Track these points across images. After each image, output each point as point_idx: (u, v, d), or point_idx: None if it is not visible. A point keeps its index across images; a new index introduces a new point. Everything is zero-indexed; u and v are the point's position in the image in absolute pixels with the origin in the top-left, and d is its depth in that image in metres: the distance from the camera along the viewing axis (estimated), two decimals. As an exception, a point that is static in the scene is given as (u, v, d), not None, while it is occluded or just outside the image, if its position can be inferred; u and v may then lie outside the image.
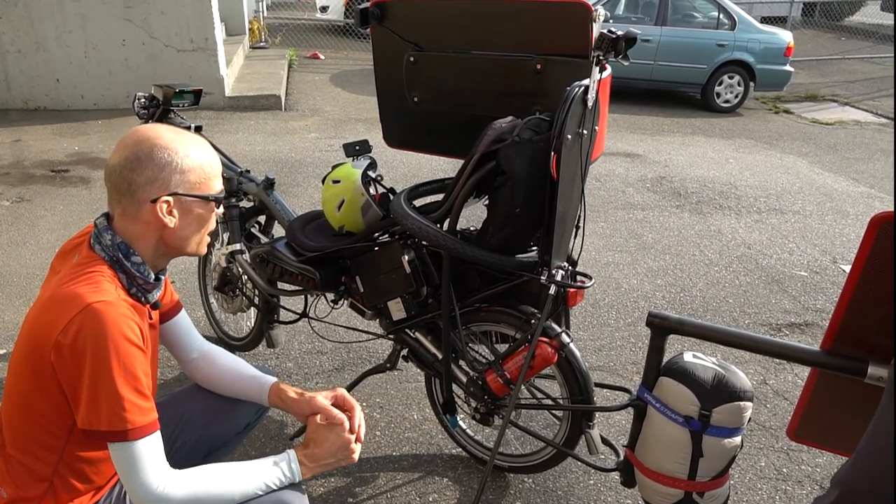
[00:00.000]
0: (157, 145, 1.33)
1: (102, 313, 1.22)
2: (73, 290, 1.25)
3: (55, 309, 1.24)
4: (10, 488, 1.34)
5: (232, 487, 1.37)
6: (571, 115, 1.72)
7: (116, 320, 1.23)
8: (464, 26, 2.17)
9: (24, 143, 5.73)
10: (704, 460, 1.78)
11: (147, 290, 1.40)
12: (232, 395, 1.70)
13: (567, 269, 1.90)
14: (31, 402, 1.30)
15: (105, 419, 1.24)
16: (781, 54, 9.01)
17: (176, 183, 1.34)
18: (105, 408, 1.23)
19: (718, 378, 1.77)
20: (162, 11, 6.61)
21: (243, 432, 1.79)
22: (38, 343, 1.25)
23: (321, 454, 1.48)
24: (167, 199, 1.34)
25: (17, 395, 1.31)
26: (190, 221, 1.40)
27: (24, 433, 1.32)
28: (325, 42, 11.43)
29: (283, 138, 6.21)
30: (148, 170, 1.32)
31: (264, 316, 2.63)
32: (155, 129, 1.36)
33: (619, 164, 6.10)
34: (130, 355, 1.25)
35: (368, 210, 2.13)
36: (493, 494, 2.20)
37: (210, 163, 1.41)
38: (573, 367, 1.98)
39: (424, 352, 2.19)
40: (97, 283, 1.28)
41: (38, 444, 1.32)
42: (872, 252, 1.53)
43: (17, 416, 1.32)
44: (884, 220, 1.49)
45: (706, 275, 3.94)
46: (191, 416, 1.70)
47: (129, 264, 1.35)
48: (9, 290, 3.32)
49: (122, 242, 1.35)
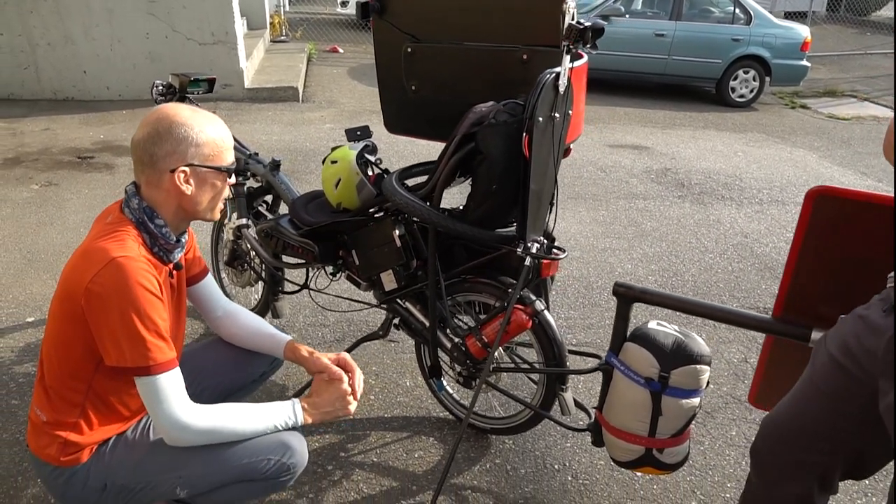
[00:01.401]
0: (176, 122, 1.52)
1: (125, 266, 1.43)
2: (101, 246, 1.46)
3: (86, 261, 1.45)
4: (49, 413, 1.57)
5: (244, 424, 1.60)
6: (543, 100, 1.88)
7: (136, 272, 1.44)
8: (457, 19, 2.33)
9: (52, 131, 5.99)
10: (663, 419, 1.93)
11: (168, 250, 1.60)
12: (252, 348, 1.94)
13: (542, 242, 2.06)
14: (64, 341, 1.51)
15: (129, 357, 1.45)
16: (798, 49, 9.03)
17: (192, 155, 1.54)
18: (128, 347, 1.44)
19: (678, 343, 1.91)
20: (184, 6, 6.85)
21: (259, 380, 2.02)
22: (71, 290, 1.46)
23: (321, 403, 1.72)
24: (184, 170, 1.53)
25: (54, 335, 1.53)
26: (205, 189, 1.59)
27: (58, 367, 1.54)
28: (345, 36, 11.64)
29: (299, 128, 6.42)
30: (167, 143, 1.51)
31: (270, 288, 2.83)
32: (174, 108, 1.56)
33: (625, 156, 6.22)
34: (149, 302, 1.45)
35: (363, 188, 2.30)
36: (475, 453, 2.37)
37: (222, 137, 1.59)
38: (547, 334, 2.14)
39: (414, 320, 2.37)
40: (123, 241, 1.49)
41: (71, 376, 1.54)
42: (810, 224, 1.67)
43: (54, 352, 1.54)
44: (818, 193, 1.63)
45: (700, 261, 4.07)
46: (214, 363, 1.94)
47: (152, 226, 1.56)
48: (37, 265, 3.55)
49: (147, 207, 1.55)
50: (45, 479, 1.63)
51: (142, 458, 1.62)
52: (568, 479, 2.28)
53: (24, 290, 3.30)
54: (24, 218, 4.15)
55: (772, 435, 1.67)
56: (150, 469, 1.61)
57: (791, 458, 1.63)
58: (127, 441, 1.65)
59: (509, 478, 2.27)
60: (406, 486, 2.20)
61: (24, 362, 2.73)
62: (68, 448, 1.57)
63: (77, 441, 1.57)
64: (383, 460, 2.31)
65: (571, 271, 3.80)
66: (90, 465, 1.60)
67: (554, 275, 2.47)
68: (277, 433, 1.68)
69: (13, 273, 3.46)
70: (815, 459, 1.59)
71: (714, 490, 2.27)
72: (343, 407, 1.74)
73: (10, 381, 2.61)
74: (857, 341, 1.43)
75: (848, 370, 1.44)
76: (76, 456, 1.58)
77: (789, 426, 1.62)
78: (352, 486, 2.19)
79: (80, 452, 1.59)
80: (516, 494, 2.20)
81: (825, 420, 1.53)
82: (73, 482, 1.60)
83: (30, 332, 2.94)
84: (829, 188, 1.61)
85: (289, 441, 1.68)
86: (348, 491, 2.17)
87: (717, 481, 2.32)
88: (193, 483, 1.62)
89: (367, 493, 2.16)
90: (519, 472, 2.30)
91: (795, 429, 1.60)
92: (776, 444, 1.67)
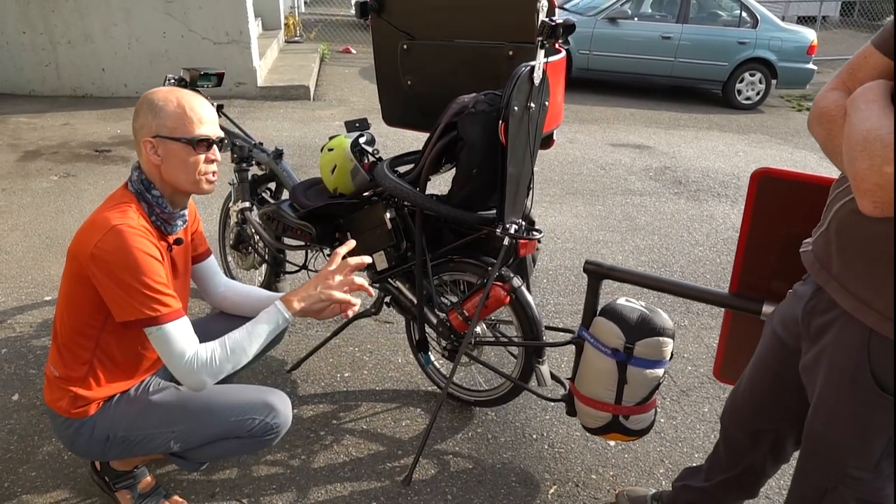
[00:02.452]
0: (150, 98, 1.67)
1: (123, 232, 1.60)
2: (105, 216, 1.64)
3: (91, 229, 1.63)
4: (61, 369, 1.75)
5: (247, 340, 1.71)
6: (518, 91, 2.03)
7: (134, 237, 1.61)
8: (449, 18, 2.50)
9: (71, 126, 6.22)
10: (629, 387, 2.07)
11: (166, 220, 1.75)
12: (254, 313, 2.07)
13: (521, 224, 2.22)
14: (73, 301, 1.69)
15: (138, 310, 1.61)
16: (804, 52, 9.12)
17: (157, 126, 1.66)
18: (135, 301, 1.61)
19: (643, 317, 2.06)
20: (200, 6, 7.07)
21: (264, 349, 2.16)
22: (78, 255, 1.64)
23: (301, 289, 1.78)
24: (150, 140, 1.67)
25: (65, 297, 1.71)
26: (173, 160, 1.68)
27: (69, 326, 1.72)
28: (358, 37, 11.84)
29: (310, 125, 6.61)
30: (141, 117, 1.68)
31: (272, 269, 3.01)
32: (161, 89, 1.71)
33: (626, 154, 6.36)
34: (148, 263, 1.61)
35: (357, 174, 2.47)
36: (458, 423, 2.53)
37: (191, 110, 1.66)
38: (525, 310, 2.30)
39: (403, 298, 2.53)
40: (124, 212, 1.66)
41: (80, 334, 1.72)
42: (756, 204, 1.82)
43: (66, 312, 1.72)
44: (762, 174, 1.77)
45: (689, 254, 4.20)
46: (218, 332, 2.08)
47: (150, 196, 1.72)
48: (55, 250, 3.75)
49: (144, 179, 1.73)
50: (56, 429, 1.82)
51: (140, 413, 1.79)
52: (545, 448, 2.44)
53: (43, 271, 3.50)
54: (44, 206, 4.36)
55: (732, 406, 1.82)
56: (148, 423, 1.79)
57: (748, 428, 1.78)
58: (129, 398, 1.82)
59: (489, 445, 2.43)
60: (392, 450, 2.37)
61: (42, 336, 2.92)
62: (78, 402, 1.75)
63: (86, 395, 1.75)
64: (372, 428, 2.47)
65: (563, 261, 3.95)
66: (96, 418, 1.77)
67: (535, 256, 2.63)
68: (264, 396, 1.84)
69: (32, 256, 3.67)
70: (767, 427, 1.74)
71: (682, 460, 2.42)
72: (326, 286, 1.75)
73: (29, 353, 2.80)
74: (789, 312, 1.57)
75: (784, 340, 1.58)
76: (84, 409, 1.76)
77: (744, 397, 1.77)
78: (341, 450, 2.35)
79: (88, 406, 1.76)
80: (495, 460, 2.36)
81: (771, 390, 1.68)
82: (82, 432, 1.77)
83: (47, 310, 3.14)
84: (771, 170, 1.75)
85: (274, 403, 1.84)
86: (338, 454, 2.33)
87: (686, 452, 2.46)
88: (186, 437, 1.80)
89: (356, 456, 2.33)
90: (499, 440, 2.46)
91: (749, 400, 1.75)
92: (736, 415, 1.82)
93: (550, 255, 4.04)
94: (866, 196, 1.09)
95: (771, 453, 1.80)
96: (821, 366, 1.42)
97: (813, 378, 1.46)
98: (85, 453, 1.83)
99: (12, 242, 3.83)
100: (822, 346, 1.42)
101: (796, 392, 1.60)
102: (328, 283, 1.76)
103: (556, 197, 5.09)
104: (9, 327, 2.99)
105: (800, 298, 1.51)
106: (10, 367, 2.72)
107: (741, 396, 1.78)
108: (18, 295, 3.27)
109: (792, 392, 1.61)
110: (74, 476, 2.18)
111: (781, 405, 1.67)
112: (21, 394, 2.56)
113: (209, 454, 1.88)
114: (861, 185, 1.09)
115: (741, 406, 1.78)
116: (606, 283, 2.16)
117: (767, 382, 1.68)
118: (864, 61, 1.31)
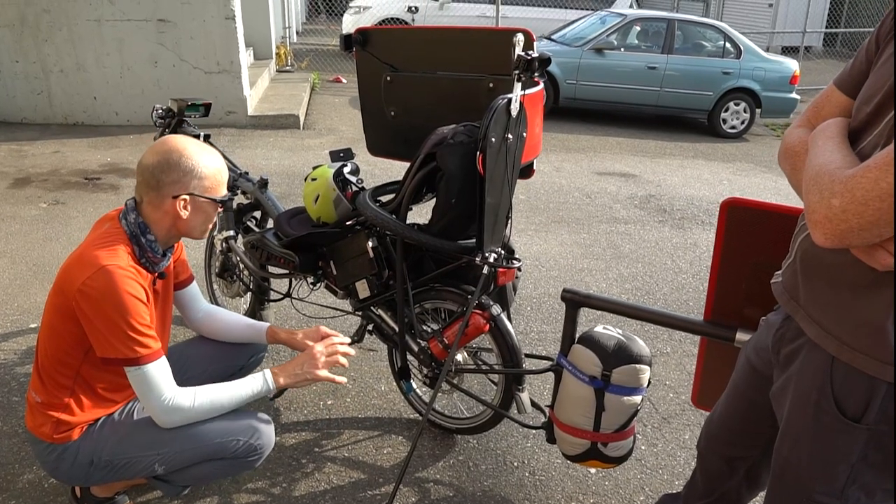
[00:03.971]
0: (185, 155, 1.76)
1: (113, 273, 1.64)
2: (94, 253, 1.68)
3: (80, 266, 1.67)
4: (43, 395, 1.78)
5: (226, 398, 1.80)
6: (496, 122, 2.08)
7: (122, 279, 1.65)
8: (431, 51, 2.56)
9: (62, 153, 6.26)
10: (606, 414, 2.09)
11: (154, 262, 1.82)
12: (234, 340, 2.17)
13: (500, 252, 2.25)
14: (56, 332, 1.73)
15: (119, 350, 1.66)
16: (787, 82, 9.30)
17: (194, 186, 1.78)
18: (117, 342, 1.65)
19: (619, 345, 2.09)
20: (191, 36, 7.16)
21: (238, 374, 2.21)
22: (65, 289, 1.67)
23: (289, 365, 1.90)
24: (185, 198, 1.77)
25: (47, 325, 1.75)
26: (199, 215, 1.83)
27: (51, 355, 1.75)
28: (349, 67, 11.96)
29: (299, 154, 6.67)
30: (175, 173, 1.75)
31: (257, 297, 3.03)
32: (183, 141, 1.79)
33: (611, 183, 6.44)
34: (134, 304, 1.66)
35: (339, 204, 2.51)
36: (439, 451, 2.54)
37: (221, 173, 1.85)
38: (505, 338, 2.32)
39: (385, 326, 2.55)
40: (114, 251, 1.70)
41: (61, 363, 1.75)
42: (726, 233, 1.86)
43: (48, 341, 1.75)
44: (730, 204, 1.82)
45: (673, 281, 4.25)
46: (196, 357, 2.16)
47: (144, 240, 1.78)
48: (41, 277, 3.76)
49: (142, 223, 1.77)
50: (39, 455, 1.83)
51: (125, 436, 1.81)
52: (525, 476, 2.45)
53: (29, 299, 3.51)
54: (32, 234, 4.38)
55: (708, 433, 1.85)
56: (132, 447, 1.80)
57: (724, 455, 1.80)
58: (113, 422, 1.84)
59: (470, 473, 2.44)
60: (373, 478, 2.37)
61: (26, 364, 2.93)
62: (60, 427, 1.77)
63: (68, 420, 1.77)
64: (354, 455, 2.48)
65: (548, 289, 3.99)
66: (80, 442, 1.80)
67: (516, 284, 2.67)
68: (247, 419, 1.87)
69: (19, 283, 3.68)
70: (742, 455, 1.76)
71: (662, 487, 2.43)
72: (312, 365, 1.89)
73: (12, 381, 2.81)
74: (761, 340, 1.61)
75: (757, 368, 1.62)
76: (67, 434, 1.78)
77: (719, 425, 1.80)
78: (322, 478, 2.36)
79: (71, 431, 1.78)
80: (475, 488, 2.37)
81: (746, 417, 1.71)
82: (65, 457, 1.79)
83: (31, 338, 3.14)
84: (739, 199, 1.80)
85: (257, 425, 1.88)
86: (319, 481, 2.34)
87: (666, 479, 2.48)
88: (170, 460, 1.81)
89: (337, 484, 2.33)
90: (480, 468, 2.47)
91: (725, 427, 1.78)
92: (711, 442, 1.84)
93: (535, 282, 4.08)
94: (817, 227, 1.13)
95: (745, 480, 1.82)
96: (788, 393, 1.45)
97: (781, 405, 1.49)
98: (68, 479, 1.85)
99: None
100: (789, 374, 1.45)
101: (769, 419, 1.63)
102: (314, 364, 1.89)
103: (542, 225, 5.15)
104: (-8, 355, 3.00)
105: (770, 327, 1.54)
106: (-8, 395, 2.72)
107: (716, 423, 1.80)
108: (3, 322, 3.28)
109: (765, 419, 1.64)
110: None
111: (755, 432, 1.69)
112: (3, 421, 2.56)
113: (193, 476, 1.89)
114: (812, 217, 1.14)
115: (716, 433, 1.81)
116: (590, 311, 2.19)
117: (742, 410, 1.70)
118: (826, 100, 1.38)
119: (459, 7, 12.76)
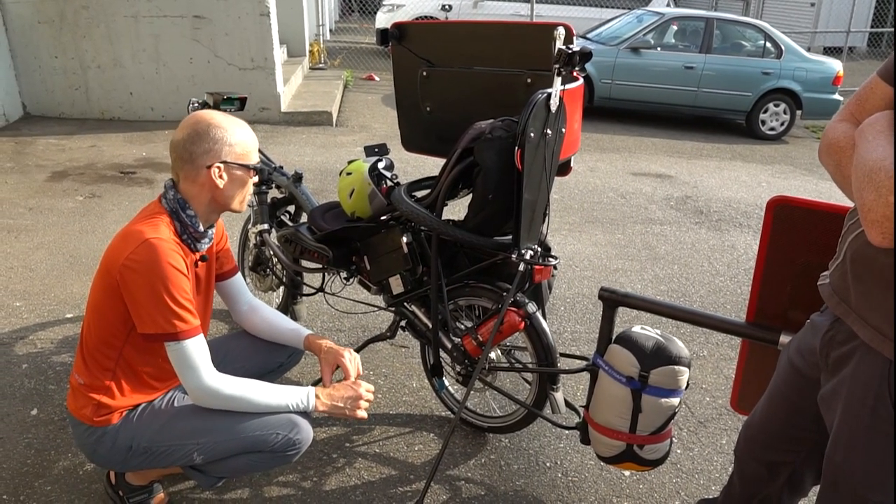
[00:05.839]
0: (213, 124, 1.77)
1: (156, 245, 1.66)
2: (137, 229, 1.70)
3: (124, 241, 1.69)
4: (85, 377, 1.80)
5: (262, 397, 1.80)
6: (534, 117, 2.04)
7: (165, 252, 1.67)
8: (468, 46, 2.53)
9: (98, 148, 6.35)
10: (643, 416, 2.05)
11: (196, 239, 1.83)
12: (274, 339, 2.16)
13: (536, 249, 2.22)
14: (102, 312, 1.74)
15: (159, 324, 1.67)
16: (830, 83, 9.08)
17: (226, 153, 1.78)
18: (158, 315, 1.66)
19: (658, 345, 2.04)
20: (226, 33, 7.22)
21: (276, 370, 2.23)
22: (110, 266, 1.69)
23: (336, 395, 1.90)
24: (219, 165, 1.78)
25: (93, 306, 1.77)
26: (234, 183, 1.83)
27: (95, 335, 1.77)
28: (382, 65, 12.00)
29: (331, 151, 6.68)
30: (205, 142, 1.76)
31: (289, 291, 3.03)
32: (209, 113, 1.81)
33: (647, 184, 6.35)
34: (176, 277, 1.68)
35: (374, 198, 2.49)
36: (471, 449, 2.51)
37: (251, 140, 1.85)
38: (539, 336, 2.29)
39: (418, 322, 2.53)
40: (156, 226, 1.72)
41: (104, 343, 1.76)
42: (772, 233, 1.80)
43: (93, 321, 1.77)
44: (778, 202, 1.76)
45: (710, 284, 4.16)
46: (237, 350, 2.16)
47: (184, 215, 1.79)
48: (78, 268, 3.81)
49: (181, 198, 1.79)
50: (78, 437, 1.84)
51: (165, 424, 1.82)
52: (558, 476, 2.41)
53: (65, 289, 3.56)
54: (69, 226, 4.44)
55: (747, 437, 1.79)
56: (172, 435, 1.81)
57: (763, 459, 1.75)
58: (154, 408, 1.85)
59: (502, 472, 2.41)
60: (404, 475, 2.35)
61: (62, 353, 2.96)
62: (101, 410, 1.78)
63: (109, 404, 1.79)
64: (385, 452, 2.46)
65: (582, 289, 3.93)
66: (119, 426, 1.81)
67: (551, 282, 2.63)
68: (287, 413, 1.86)
69: (56, 274, 3.73)
70: (783, 459, 1.71)
71: (698, 492, 2.37)
72: (354, 407, 1.91)
73: (49, 370, 2.84)
74: (806, 342, 1.55)
75: (801, 371, 1.56)
76: (107, 417, 1.79)
77: (759, 428, 1.74)
78: (353, 473, 2.34)
79: (112, 414, 1.79)
80: (507, 487, 2.33)
81: (787, 421, 1.65)
82: (104, 440, 1.80)
83: (67, 328, 3.18)
84: (787, 198, 1.74)
85: (296, 420, 1.87)
86: (349, 476, 2.32)
87: (702, 484, 2.42)
88: (209, 450, 1.81)
89: (368, 480, 2.32)
90: (512, 467, 2.44)
91: (765, 430, 1.72)
92: (750, 446, 1.79)
93: (568, 282, 4.03)
94: (874, 227, 1.08)
95: (787, 486, 1.76)
96: (839, 397, 1.40)
97: (831, 409, 1.43)
98: (106, 462, 1.86)
99: (37, 260, 3.90)
100: (841, 378, 1.40)
101: (813, 423, 1.57)
102: (357, 405, 1.91)
103: (576, 225, 5.09)
104: (30, 343, 3.03)
105: (817, 329, 1.49)
106: (30, 382, 2.75)
107: (756, 426, 1.75)
108: (41, 311, 3.32)
109: (808, 423, 1.59)
110: (89, 492, 2.19)
111: (797, 436, 1.64)
112: (40, 409, 2.59)
113: (229, 468, 1.89)
114: (868, 216, 1.09)
115: (756, 436, 1.75)
116: (624, 311, 2.15)
117: (783, 413, 1.65)
118: (871, 92, 1.31)
119: (493, 5, 12.72)
